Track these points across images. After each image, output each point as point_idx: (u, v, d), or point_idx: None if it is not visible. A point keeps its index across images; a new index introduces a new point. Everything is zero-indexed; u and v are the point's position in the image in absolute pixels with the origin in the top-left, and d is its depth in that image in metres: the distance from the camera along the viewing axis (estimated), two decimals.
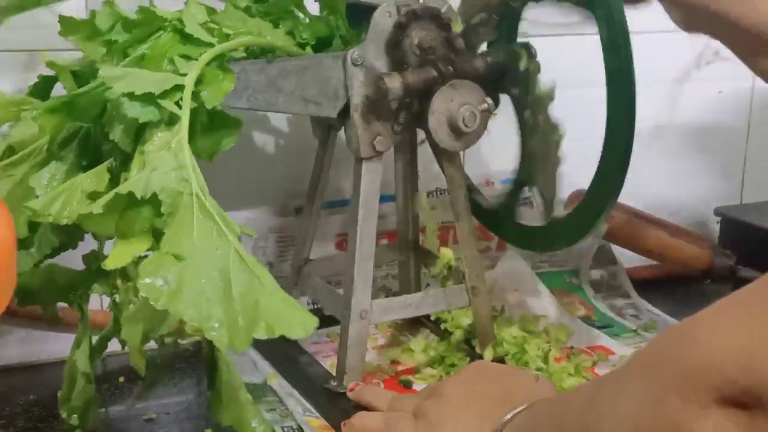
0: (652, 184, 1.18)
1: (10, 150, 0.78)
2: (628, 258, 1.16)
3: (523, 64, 0.86)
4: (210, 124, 0.75)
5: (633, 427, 0.50)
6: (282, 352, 0.97)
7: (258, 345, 0.99)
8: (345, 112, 0.82)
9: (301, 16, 0.87)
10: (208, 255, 0.68)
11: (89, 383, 0.81)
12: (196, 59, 0.75)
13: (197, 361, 0.98)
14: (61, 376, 0.93)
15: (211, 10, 0.82)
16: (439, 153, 0.88)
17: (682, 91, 1.22)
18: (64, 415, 0.83)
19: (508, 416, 0.69)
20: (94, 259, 0.79)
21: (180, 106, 0.72)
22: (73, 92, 0.75)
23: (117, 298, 0.78)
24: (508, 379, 0.78)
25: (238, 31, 0.80)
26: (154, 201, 0.68)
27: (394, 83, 0.80)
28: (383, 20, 0.81)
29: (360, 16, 0.84)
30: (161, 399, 0.90)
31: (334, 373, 0.90)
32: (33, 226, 0.76)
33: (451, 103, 0.82)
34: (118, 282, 0.76)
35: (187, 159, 0.70)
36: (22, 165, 0.77)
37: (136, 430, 0.84)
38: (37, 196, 0.73)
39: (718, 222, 1.22)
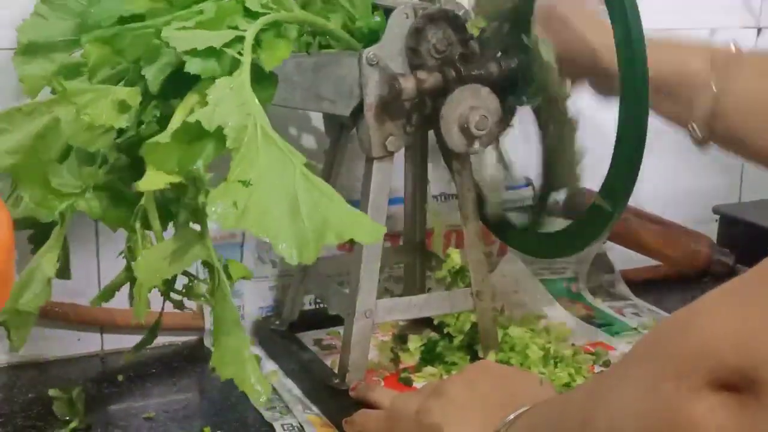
0: (651, 183, 1.18)
1: None
2: (627, 258, 1.16)
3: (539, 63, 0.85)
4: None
5: (630, 414, 0.51)
6: (284, 349, 0.97)
7: (261, 342, 0.99)
8: (358, 111, 0.82)
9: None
10: (274, 179, 0.70)
11: (47, 289, 0.80)
12: None
13: (196, 360, 0.98)
14: (60, 375, 0.93)
15: None
16: (450, 156, 0.88)
17: None
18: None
19: (511, 416, 0.69)
20: (91, 175, 0.79)
21: (241, 54, 0.74)
22: (124, 27, 0.78)
23: (132, 243, 0.78)
24: (511, 380, 0.77)
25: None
26: (218, 135, 0.70)
27: (408, 84, 0.80)
28: (400, 21, 0.82)
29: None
30: (160, 397, 0.90)
31: (336, 371, 0.89)
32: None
33: (464, 106, 0.82)
34: (137, 225, 0.76)
35: (250, 96, 0.72)
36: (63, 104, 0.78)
37: (136, 428, 0.84)
38: None
39: (716, 220, 1.22)
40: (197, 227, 0.76)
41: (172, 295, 0.81)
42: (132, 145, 0.77)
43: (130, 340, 0.99)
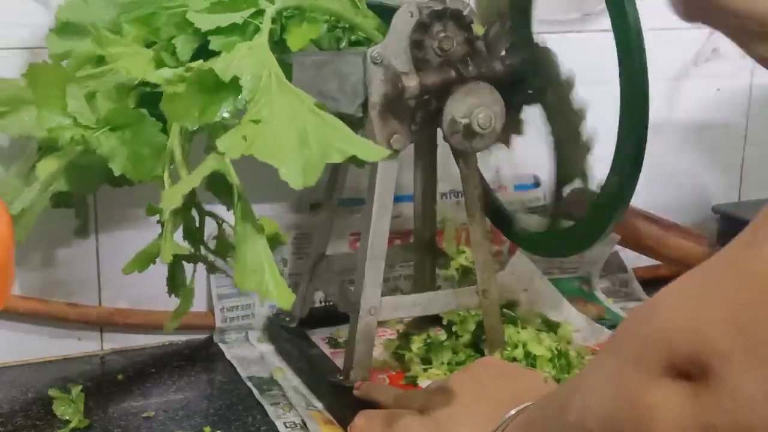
0: (651, 182, 1.18)
1: None
2: (627, 258, 1.16)
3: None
4: None
5: (597, 400, 0.51)
6: (293, 346, 0.97)
7: (270, 338, 0.99)
8: (363, 110, 0.83)
9: None
10: (285, 117, 0.71)
11: (42, 199, 0.81)
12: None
13: (197, 359, 0.98)
14: (60, 375, 0.92)
15: None
16: (456, 154, 0.88)
17: (681, 88, 1.21)
18: None
19: (512, 412, 0.69)
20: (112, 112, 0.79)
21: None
22: (160, 5, 0.81)
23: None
24: (515, 378, 0.78)
25: None
26: (234, 86, 0.72)
27: (412, 83, 0.80)
28: (404, 20, 0.82)
29: (384, 16, 0.85)
30: (160, 397, 0.90)
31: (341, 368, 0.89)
32: None
33: (468, 104, 0.82)
34: (164, 175, 0.76)
35: (268, 54, 0.74)
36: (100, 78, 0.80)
37: (135, 427, 0.84)
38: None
39: (716, 219, 1.22)
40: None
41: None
42: (155, 98, 0.77)
43: (129, 340, 0.99)
